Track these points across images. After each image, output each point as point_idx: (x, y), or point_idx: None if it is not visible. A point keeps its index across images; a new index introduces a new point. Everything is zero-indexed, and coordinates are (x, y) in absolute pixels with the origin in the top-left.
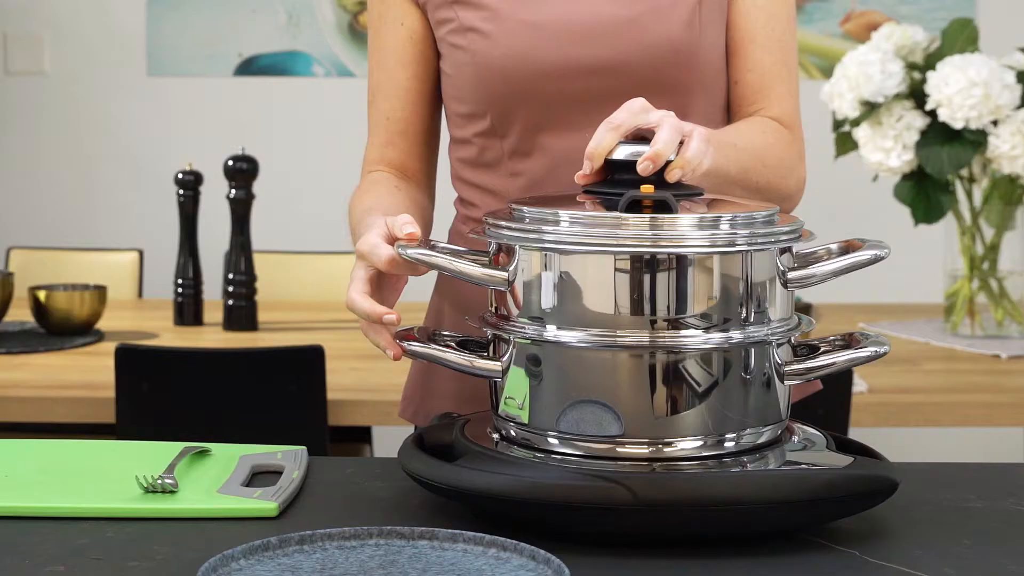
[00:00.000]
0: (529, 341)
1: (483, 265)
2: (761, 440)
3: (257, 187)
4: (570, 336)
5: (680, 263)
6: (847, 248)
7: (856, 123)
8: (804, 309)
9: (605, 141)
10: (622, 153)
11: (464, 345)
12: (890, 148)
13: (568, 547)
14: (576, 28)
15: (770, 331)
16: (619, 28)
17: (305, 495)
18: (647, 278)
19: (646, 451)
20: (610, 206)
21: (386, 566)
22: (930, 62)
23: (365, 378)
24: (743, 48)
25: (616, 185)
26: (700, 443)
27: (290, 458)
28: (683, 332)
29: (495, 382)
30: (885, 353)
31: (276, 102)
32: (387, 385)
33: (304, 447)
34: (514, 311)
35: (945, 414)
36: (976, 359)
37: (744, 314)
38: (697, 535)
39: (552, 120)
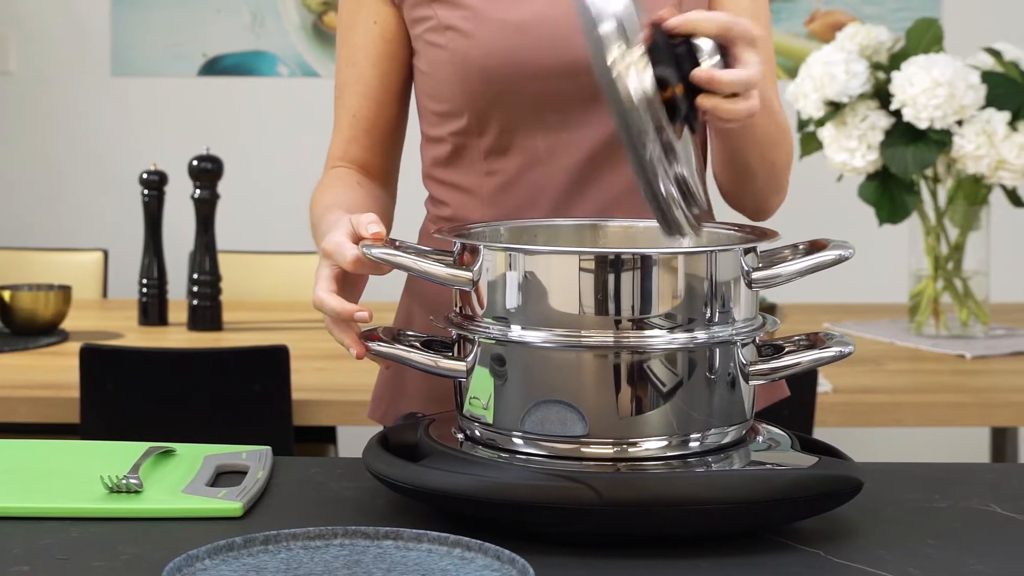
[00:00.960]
0: (494, 341)
1: (448, 265)
2: (726, 440)
3: (222, 187)
4: (535, 336)
5: (644, 263)
6: (812, 248)
7: (821, 123)
8: (769, 309)
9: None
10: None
11: (429, 345)
12: (855, 148)
13: (533, 547)
14: (556, 28)
15: (735, 331)
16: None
17: (270, 495)
18: (611, 278)
19: (611, 451)
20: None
21: (351, 566)
22: (895, 62)
23: (330, 378)
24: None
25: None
26: (665, 443)
27: (255, 458)
28: (647, 332)
29: (460, 382)
30: (850, 353)
31: (241, 102)
32: (352, 385)
33: (269, 447)
34: (479, 311)
35: (910, 414)
36: (941, 359)
37: (708, 314)
38: (662, 535)
39: (529, 120)
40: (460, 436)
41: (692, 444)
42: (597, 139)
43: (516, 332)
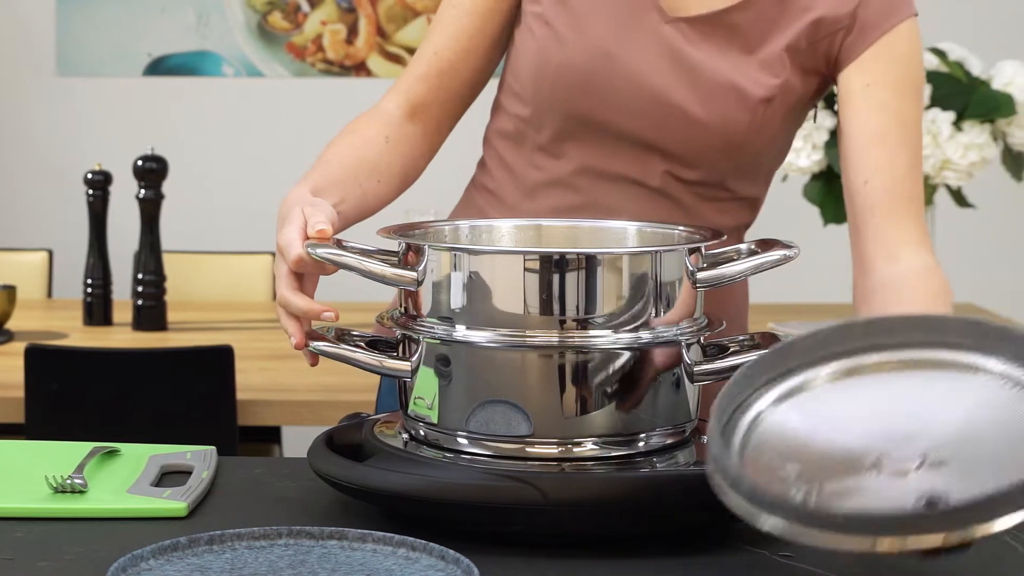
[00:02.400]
0: (438, 341)
1: (392, 265)
2: (671, 440)
3: (167, 187)
4: (479, 336)
5: (589, 263)
6: (757, 248)
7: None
8: None
9: None
10: None
11: (374, 345)
12: (800, 148)
13: (478, 547)
14: (641, 70)
15: (679, 331)
16: (678, 90)
17: (214, 495)
18: (556, 278)
19: (555, 451)
20: None
21: (295, 566)
22: None
23: (275, 378)
24: (869, 149)
25: None
26: (609, 443)
27: (199, 458)
28: (592, 332)
29: (404, 382)
30: None
31: (186, 102)
32: (297, 385)
33: (213, 447)
34: (423, 311)
35: None
36: None
37: (653, 314)
38: (607, 535)
39: (583, 137)
40: (405, 436)
41: (638, 444)
42: (637, 178)
43: (461, 332)
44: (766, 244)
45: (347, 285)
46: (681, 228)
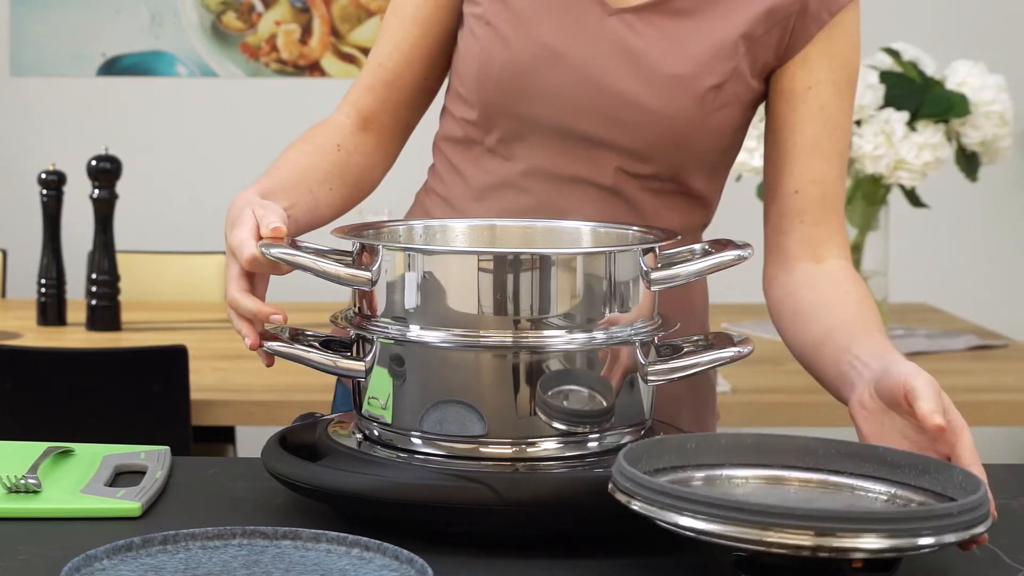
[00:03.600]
0: (392, 341)
1: (346, 265)
2: (624, 440)
3: (120, 187)
4: (433, 336)
5: (543, 263)
6: (711, 249)
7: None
8: None
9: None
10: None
11: (328, 345)
12: (754, 148)
13: (432, 547)
14: (586, 65)
15: (633, 331)
16: (627, 83)
17: (168, 495)
18: (510, 278)
19: (509, 451)
20: None
21: (249, 566)
22: None
23: (228, 378)
24: (804, 156)
25: None
26: (563, 443)
27: (153, 458)
28: (546, 332)
29: (358, 382)
30: (749, 353)
31: (140, 102)
32: (251, 385)
33: (167, 447)
34: (378, 311)
35: (808, 414)
36: None
37: (607, 314)
38: (561, 535)
39: (531, 138)
40: (359, 436)
41: (591, 444)
42: (588, 178)
43: (415, 332)
44: (720, 244)
45: (301, 285)
46: (635, 228)
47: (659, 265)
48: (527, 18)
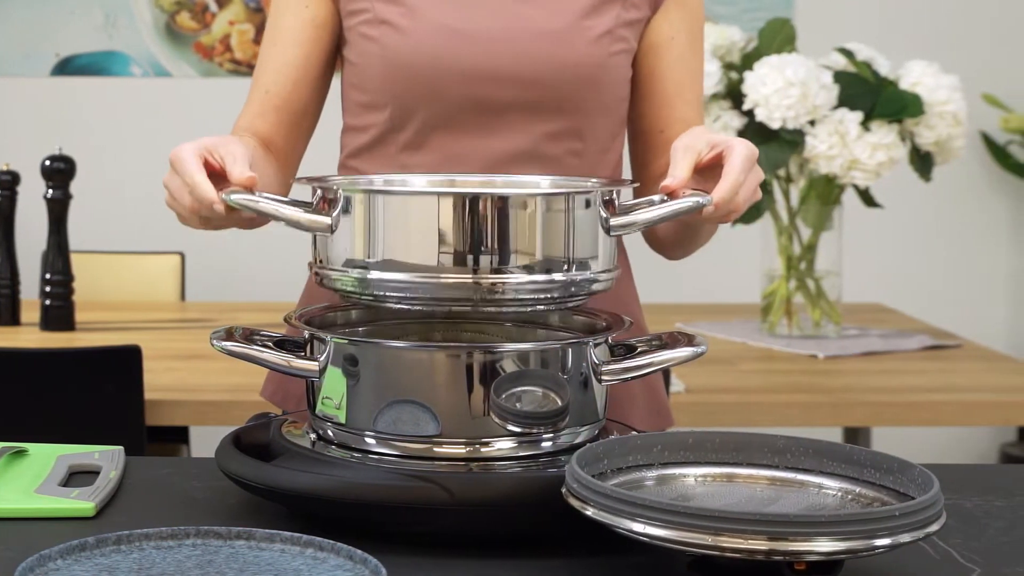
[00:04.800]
0: (346, 341)
1: (307, 211)
2: (578, 440)
3: (75, 187)
4: (393, 277)
5: (503, 204)
6: (667, 197)
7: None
8: None
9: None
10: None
11: (282, 345)
12: None
13: (386, 547)
14: (489, 36)
15: (593, 276)
16: (531, 42)
17: (122, 495)
18: (470, 218)
19: (463, 451)
20: None
21: (203, 566)
22: (747, 62)
23: (183, 378)
24: (671, 101)
25: None
26: (517, 443)
27: (107, 458)
28: (506, 276)
29: (312, 382)
30: (702, 353)
31: (93, 102)
32: (205, 385)
33: (121, 447)
34: (338, 259)
35: (763, 414)
36: (793, 359)
37: (568, 258)
38: (515, 535)
39: (449, 121)
40: (313, 436)
41: (544, 444)
42: (508, 147)
43: (375, 275)
44: (677, 194)
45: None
46: (595, 181)
47: (618, 212)
48: (420, 6)
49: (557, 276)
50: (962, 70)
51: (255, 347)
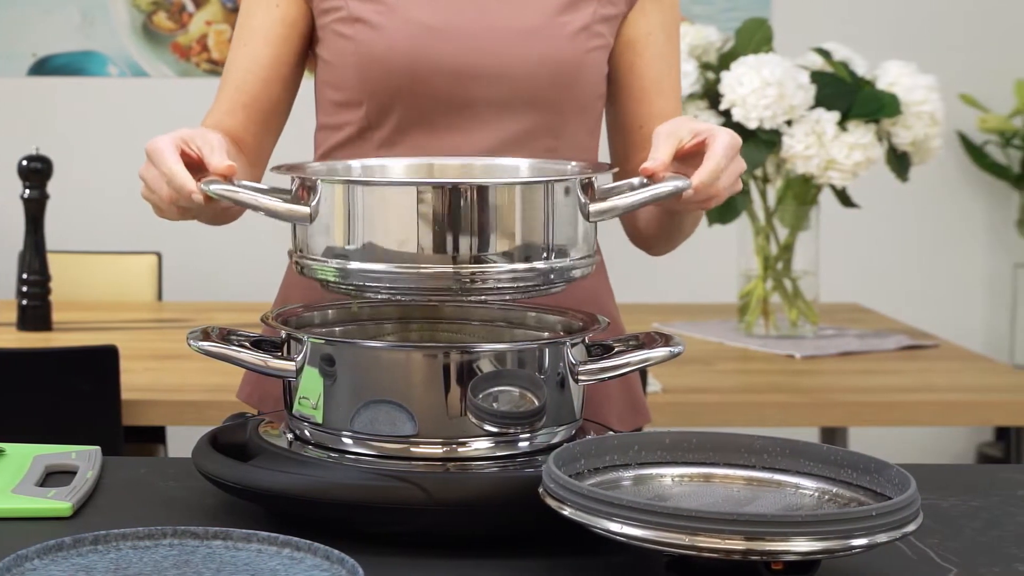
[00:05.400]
0: (323, 341)
1: (286, 201)
2: (555, 440)
3: (52, 187)
4: (373, 268)
5: (482, 193)
6: (647, 181)
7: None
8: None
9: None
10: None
11: (258, 345)
12: None
13: (363, 547)
14: (465, 32)
15: (572, 263)
16: (507, 38)
17: (99, 495)
18: (449, 208)
19: (440, 451)
20: None
21: (180, 566)
22: (724, 62)
23: (159, 378)
24: (649, 96)
25: None
26: (494, 443)
27: (84, 458)
28: (486, 266)
29: (289, 382)
30: (680, 353)
31: (71, 102)
32: (181, 385)
33: (98, 447)
34: (317, 248)
35: (739, 414)
36: (770, 359)
37: (547, 245)
38: (492, 535)
39: (424, 119)
40: (289, 436)
41: (521, 444)
42: (485, 144)
43: (355, 266)
44: (657, 178)
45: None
46: (574, 164)
47: (596, 198)
48: (395, 4)
49: (538, 264)
50: (939, 70)
51: (232, 347)
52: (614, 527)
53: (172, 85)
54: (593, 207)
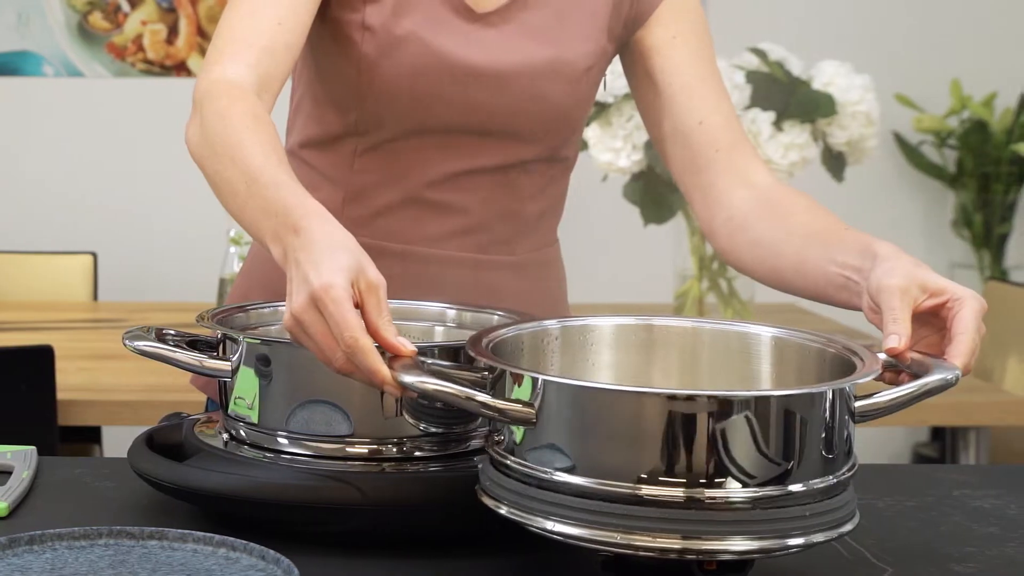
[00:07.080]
0: (259, 341)
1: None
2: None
3: None
4: None
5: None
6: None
7: (586, 123)
8: None
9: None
10: None
11: (194, 345)
12: (620, 148)
13: (298, 547)
14: (473, 68)
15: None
16: (515, 76)
17: (35, 495)
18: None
19: (375, 451)
20: None
21: (116, 566)
22: None
23: (95, 378)
24: (699, 90)
25: None
26: (430, 443)
27: (19, 458)
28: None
29: (224, 382)
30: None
31: (5, 102)
32: (117, 385)
33: (33, 447)
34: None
35: None
36: None
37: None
38: (429, 534)
39: (413, 138)
40: (225, 436)
41: (458, 444)
42: (465, 166)
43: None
44: (903, 359)
45: (169, 286)
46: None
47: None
48: (408, 28)
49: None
50: (874, 70)
51: (167, 347)
52: (550, 525)
53: (107, 85)
54: (858, 405)
